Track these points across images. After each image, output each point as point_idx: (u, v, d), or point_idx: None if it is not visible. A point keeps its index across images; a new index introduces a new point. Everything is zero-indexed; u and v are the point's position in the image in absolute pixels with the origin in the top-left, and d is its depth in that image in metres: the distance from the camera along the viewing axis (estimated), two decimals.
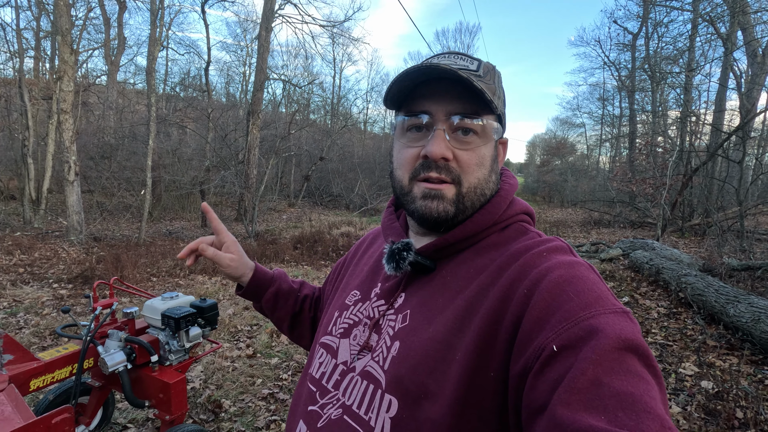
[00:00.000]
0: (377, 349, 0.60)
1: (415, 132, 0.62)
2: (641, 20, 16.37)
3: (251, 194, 10.70)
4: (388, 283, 0.67)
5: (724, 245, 7.52)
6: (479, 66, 0.61)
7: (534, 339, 0.45)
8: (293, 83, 16.88)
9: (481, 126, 0.60)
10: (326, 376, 0.65)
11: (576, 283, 0.48)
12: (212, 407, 2.54)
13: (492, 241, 0.62)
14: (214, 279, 5.69)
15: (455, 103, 0.59)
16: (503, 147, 0.69)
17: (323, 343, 0.71)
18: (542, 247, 0.56)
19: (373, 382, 0.58)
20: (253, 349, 3.43)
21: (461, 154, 0.60)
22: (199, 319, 1.98)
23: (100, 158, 12.69)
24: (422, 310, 0.59)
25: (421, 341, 0.55)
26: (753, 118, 11.30)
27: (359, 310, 0.69)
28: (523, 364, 0.45)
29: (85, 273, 5.45)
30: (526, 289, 0.50)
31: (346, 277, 0.82)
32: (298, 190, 16.97)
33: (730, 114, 13.71)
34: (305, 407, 0.66)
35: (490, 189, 0.63)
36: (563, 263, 0.52)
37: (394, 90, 0.61)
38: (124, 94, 17.95)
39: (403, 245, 0.62)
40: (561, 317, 0.45)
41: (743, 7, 10.80)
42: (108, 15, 16.67)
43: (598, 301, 0.46)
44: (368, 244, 0.85)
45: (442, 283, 0.60)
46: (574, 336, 0.43)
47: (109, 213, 11.04)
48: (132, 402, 1.83)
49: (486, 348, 0.50)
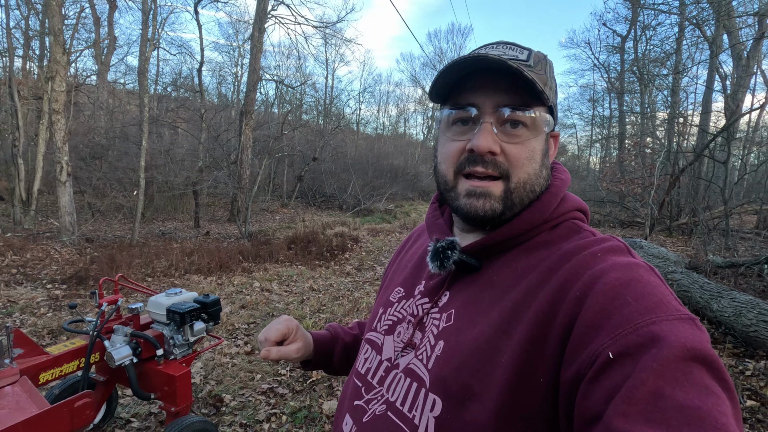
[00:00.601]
0: (421, 348, 0.59)
1: (461, 125, 0.60)
2: (630, 23, 16.65)
3: (244, 195, 10.71)
4: (432, 281, 0.66)
5: (709, 243, 7.72)
6: (529, 55, 0.59)
7: (587, 344, 0.43)
8: (286, 84, 16.89)
9: (531, 118, 0.57)
10: (371, 372, 0.66)
11: (635, 286, 0.45)
12: (213, 401, 2.60)
13: (542, 239, 0.59)
14: (209, 279, 5.72)
15: (504, 94, 0.57)
16: (555, 140, 0.66)
17: (368, 339, 0.71)
18: (597, 247, 0.53)
19: (416, 380, 0.57)
20: (251, 346, 3.48)
21: (510, 148, 0.57)
22: (202, 314, 2.04)
23: (91, 159, 12.60)
24: (467, 310, 0.57)
25: (465, 342, 0.54)
26: (738, 119, 11.57)
27: (403, 308, 0.68)
28: (575, 370, 0.43)
29: (79, 274, 5.44)
30: (578, 292, 0.47)
31: (391, 273, 0.82)
32: (290, 190, 16.97)
33: (716, 115, 14.03)
34: (351, 402, 0.66)
35: (540, 185, 0.60)
36: (620, 265, 0.48)
37: (440, 82, 0.59)
38: (115, 94, 17.80)
39: (448, 243, 0.61)
40: (618, 322, 0.42)
41: (728, 11, 11.05)
42: (98, 14, 16.54)
43: (660, 306, 0.43)
44: (413, 240, 0.84)
45: (488, 283, 0.58)
46: (632, 343, 0.40)
47: (101, 214, 10.97)
48: (138, 394, 1.88)
49: (534, 352, 0.48)
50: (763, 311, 3.35)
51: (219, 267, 6.24)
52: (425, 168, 27.49)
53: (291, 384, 2.90)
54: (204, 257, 6.39)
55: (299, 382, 2.93)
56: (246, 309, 4.45)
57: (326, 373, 0.93)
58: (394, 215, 14.81)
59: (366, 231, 10.29)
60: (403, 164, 23.71)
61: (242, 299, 4.77)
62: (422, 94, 33.42)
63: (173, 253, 6.62)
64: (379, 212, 15.15)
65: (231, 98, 21.37)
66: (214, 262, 6.30)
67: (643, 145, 14.40)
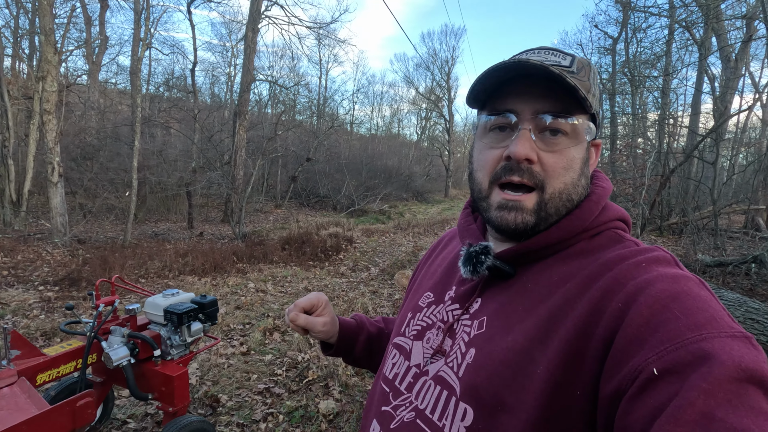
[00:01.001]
0: (451, 355, 0.58)
1: (498, 132, 0.58)
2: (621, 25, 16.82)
3: (238, 195, 10.68)
4: (463, 287, 0.64)
5: (699, 243, 7.84)
6: (572, 62, 0.57)
7: (630, 359, 0.41)
8: (280, 84, 16.85)
9: (572, 126, 0.56)
10: (399, 378, 0.64)
11: (683, 299, 0.42)
12: (210, 402, 2.60)
13: (580, 248, 0.57)
14: (204, 280, 5.71)
15: (544, 101, 0.55)
16: (596, 149, 0.64)
17: (396, 343, 0.70)
18: (641, 257, 0.50)
19: (446, 388, 0.56)
20: (247, 346, 3.49)
21: (547, 157, 0.56)
22: (200, 314, 2.05)
23: (83, 159, 12.48)
24: (500, 318, 0.55)
25: (498, 350, 0.52)
26: (726, 120, 11.75)
27: (432, 313, 0.66)
28: (616, 385, 0.41)
29: (72, 275, 5.41)
30: (621, 303, 0.45)
31: (420, 277, 0.80)
32: (284, 191, 16.93)
33: (705, 117, 14.24)
34: (378, 407, 0.65)
35: (578, 194, 0.58)
36: (667, 276, 0.46)
37: (478, 88, 0.58)
38: (106, 94, 17.65)
39: (482, 248, 0.59)
40: (664, 337, 0.40)
41: (717, 14, 11.23)
42: (89, 14, 16.39)
43: (711, 322, 0.40)
44: (443, 245, 0.82)
45: (523, 290, 0.56)
46: (680, 360, 0.38)
47: (92, 215, 10.87)
48: (136, 395, 1.89)
49: (572, 363, 0.46)
50: (750, 309, 3.42)
51: (213, 268, 6.23)
52: (419, 168, 27.56)
53: (287, 384, 2.91)
54: (198, 258, 6.37)
55: (295, 382, 2.94)
56: (241, 310, 4.45)
57: (346, 362, 0.91)
58: (389, 215, 14.84)
59: (360, 231, 10.31)
60: (397, 165, 23.74)
61: (237, 300, 4.77)
62: (416, 94, 33.51)
63: (167, 254, 6.60)
64: (373, 213, 15.17)
65: (224, 98, 21.29)
66: (209, 263, 6.28)
67: (634, 145, 14.56)
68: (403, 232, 10.78)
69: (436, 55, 31.29)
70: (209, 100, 20.71)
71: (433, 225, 12.27)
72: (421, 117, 35.70)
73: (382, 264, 7.16)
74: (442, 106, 31.56)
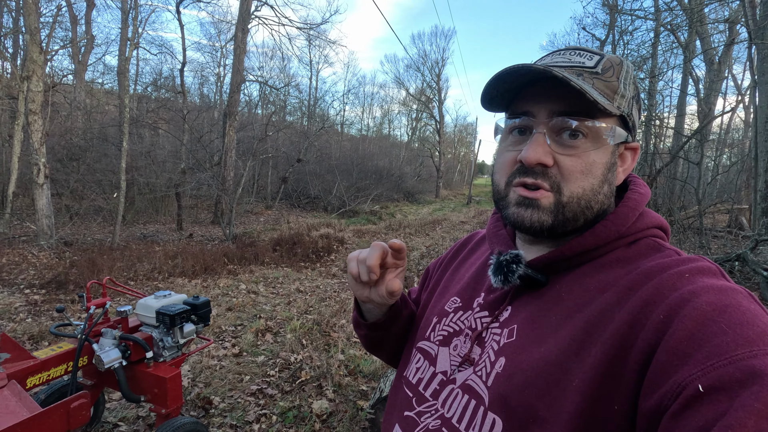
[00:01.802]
0: (480, 363, 0.57)
1: (517, 134, 0.58)
2: (608, 28, 17.08)
3: (228, 197, 10.60)
4: (492, 294, 0.62)
5: (685, 242, 7.99)
6: (599, 61, 0.55)
7: (672, 374, 0.39)
8: (270, 85, 16.77)
9: (591, 128, 0.54)
10: (423, 383, 0.63)
11: (731, 313, 0.40)
12: (202, 404, 2.59)
13: (617, 256, 0.54)
14: (194, 282, 5.66)
15: (560, 101, 0.54)
16: (632, 153, 0.61)
17: (420, 348, 0.68)
18: (684, 266, 0.48)
19: (475, 397, 0.54)
20: (239, 348, 3.47)
21: (564, 160, 0.54)
22: (192, 315, 2.04)
23: (69, 160, 12.28)
24: (532, 327, 0.54)
25: (531, 360, 0.50)
26: (710, 122, 12.00)
27: (460, 319, 0.65)
28: (657, 401, 0.39)
29: (59, 278, 5.32)
30: (663, 314, 0.43)
31: (444, 280, 0.77)
32: (275, 192, 16.85)
33: (690, 118, 14.52)
34: (401, 412, 0.64)
35: (599, 202, 0.56)
36: (713, 288, 0.43)
37: (492, 92, 0.58)
38: (93, 94, 17.39)
39: (513, 257, 0.58)
40: (710, 352, 0.38)
41: (701, 18, 11.46)
42: (75, 13, 16.14)
43: (762, 337, 0.37)
44: (471, 249, 0.80)
45: (556, 299, 0.54)
46: (728, 377, 0.36)
47: (79, 217, 10.70)
48: (128, 397, 1.88)
49: (610, 377, 0.44)
50: None
51: (204, 269, 6.18)
52: (410, 169, 27.62)
53: (280, 385, 2.91)
54: (188, 260, 6.32)
55: (288, 383, 2.94)
56: (233, 311, 4.43)
57: (364, 337, 0.78)
58: (380, 216, 14.86)
59: (351, 232, 10.31)
60: (387, 165, 23.77)
61: (228, 301, 4.74)
62: (406, 95, 33.59)
63: (156, 256, 6.53)
64: (364, 213, 15.18)
65: (214, 99, 21.12)
66: (199, 264, 6.23)
67: None
68: (394, 233, 10.80)
69: (426, 56, 31.40)
70: (198, 101, 20.54)
71: (424, 226, 12.31)
72: (412, 118, 35.80)
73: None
74: (432, 107, 31.68)
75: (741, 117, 18.84)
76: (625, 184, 0.63)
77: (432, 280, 0.83)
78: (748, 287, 4.98)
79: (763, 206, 6.64)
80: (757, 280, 4.86)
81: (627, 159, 0.60)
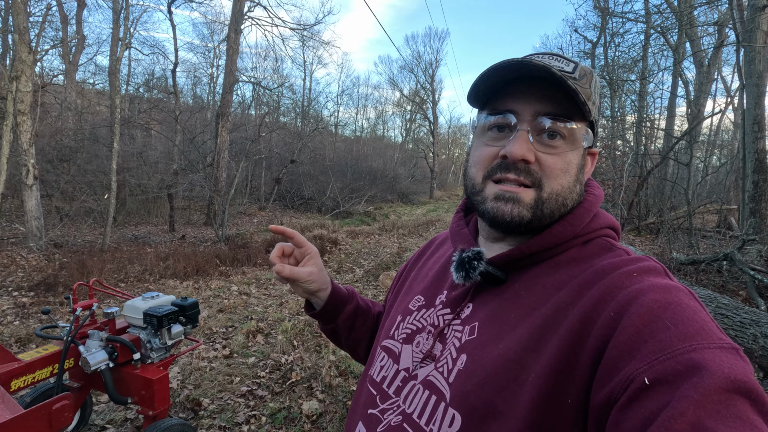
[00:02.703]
0: (441, 360, 0.58)
1: (497, 131, 0.59)
2: (600, 30, 17.23)
3: (221, 198, 10.55)
4: (454, 291, 0.64)
5: (674, 242, 8.07)
6: (575, 68, 0.58)
7: (621, 368, 0.41)
8: (263, 86, 16.73)
9: (570, 130, 0.56)
10: (387, 381, 0.64)
11: (674, 310, 0.43)
12: (191, 405, 2.58)
13: (572, 255, 0.57)
14: (185, 283, 5.63)
15: (545, 103, 0.56)
16: (592, 158, 0.65)
17: (385, 346, 0.69)
18: (633, 266, 0.51)
19: (435, 393, 0.56)
20: (230, 349, 3.46)
21: (545, 158, 0.56)
22: (180, 317, 2.03)
23: (59, 161, 12.15)
24: (492, 324, 0.55)
25: (491, 357, 0.52)
26: (699, 123, 12.15)
27: (423, 317, 0.66)
28: (607, 394, 0.41)
29: (48, 280, 5.27)
30: (613, 312, 0.46)
31: (409, 279, 0.79)
32: (268, 193, 16.79)
33: (680, 119, 14.70)
34: (365, 409, 0.65)
35: (573, 199, 0.59)
36: (658, 286, 0.46)
37: (480, 86, 0.58)
38: (84, 94, 17.22)
39: (474, 254, 0.59)
40: (655, 347, 0.40)
41: (690, 20, 11.60)
42: (66, 12, 15.99)
43: (702, 333, 0.41)
44: (434, 248, 0.82)
45: (515, 297, 0.56)
46: (671, 370, 0.38)
47: (69, 218, 10.60)
48: (115, 399, 1.87)
49: (564, 372, 0.46)
50: (720, 305, 3.55)
51: (195, 271, 6.15)
52: (404, 170, 27.65)
53: (270, 386, 2.90)
54: (180, 261, 6.28)
55: (278, 384, 2.93)
56: (224, 313, 4.41)
57: (323, 330, 0.86)
58: (374, 217, 14.86)
59: (345, 233, 10.30)
60: (381, 166, 23.78)
61: (220, 303, 4.72)
62: (400, 96, 33.66)
63: (147, 258, 6.48)
64: (358, 214, 15.17)
65: (206, 100, 21.02)
66: (191, 266, 6.20)
67: (613, 147, 14.91)
68: (388, 234, 10.81)
69: (420, 57, 31.50)
70: (191, 101, 20.43)
71: (418, 227, 12.34)
72: (406, 119, 35.89)
73: (367, 266, 7.18)
74: (426, 108, 31.76)
75: (730, 118, 19.09)
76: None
77: (399, 282, 0.85)
78: (735, 286, 5.05)
79: (751, 206, 6.73)
80: (744, 279, 4.93)
81: (588, 162, 0.64)
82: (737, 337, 3.19)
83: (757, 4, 6.70)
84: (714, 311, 3.51)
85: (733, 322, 3.31)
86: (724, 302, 3.58)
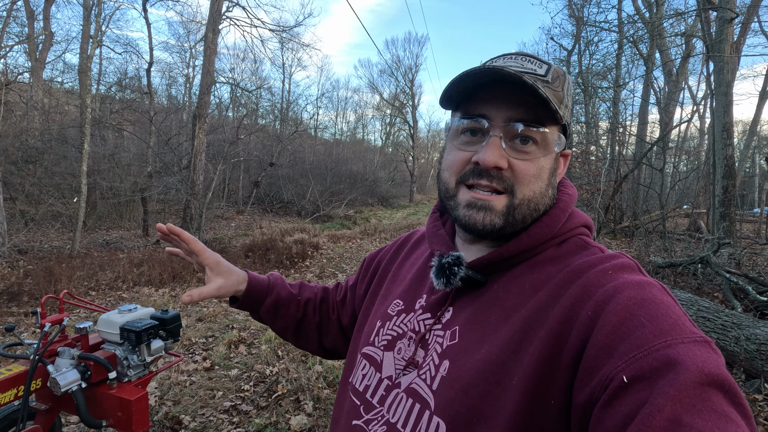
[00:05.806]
0: (424, 367, 0.57)
1: (469, 135, 0.59)
2: (575, 38, 17.69)
3: (198, 201, 10.25)
4: (434, 295, 0.63)
5: (650, 245, 8.29)
6: (548, 70, 0.57)
7: (601, 367, 0.42)
8: (241, 87, 16.40)
9: (542, 135, 0.56)
10: (370, 390, 0.63)
11: (648, 306, 0.44)
12: (171, 424, 2.43)
13: (549, 255, 0.58)
14: (161, 291, 5.40)
15: (517, 108, 0.55)
16: (565, 159, 0.65)
17: (366, 354, 0.68)
18: (607, 264, 0.52)
19: (419, 401, 0.55)
20: (211, 361, 3.31)
21: (518, 164, 0.56)
22: (161, 331, 1.90)
23: (24, 163, 11.56)
24: (473, 328, 0.55)
25: (473, 362, 0.52)
26: (670, 130, 12.58)
27: (403, 322, 0.65)
28: (588, 393, 0.42)
29: (11, 289, 4.96)
30: (590, 311, 0.46)
31: (386, 282, 0.78)
32: (247, 196, 16.45)
33: (652, 126, 15.20)
34: (348, 421, 0.63)
35: (545, 204, 0.59)
36: (633, 283, 0.47)
37: (452, 90, 0.58)
38: (51, 93, 16.50)
39: (454, 259, 0.59)
40: (632, 344, 0.41)
41: (660, 31, 12.04)
42: (32, 7, 15.30)
43: (675, 328, 0.42)
44: (410, 248, 0.80)
45: (494, 300, 0.56)
46: (647, 366, 0.39)
47: (35, 223, 10.08)
48: (87, 422, 1.72)
49: (546, 374, 0.46)
50: (701, 308, 3.63)
51: (172, 278, 5.92)
52: (384, 174, 27.66)
53: (255, 400, 2.78)
54: (155, 268, 6.03)
55: (264, 398, 2.81)
56: (203, 322, 4.24)
57: (253, 318, 0.90)
58: (354, 221, 14.76)
59: (326, 237, 10.16)
60: (362, 170, 23.71)
61: (199, 311, 4.54)
62: (380, 100, 33.71)
63: (120, 264, 6.20)
64: (338, 218, 15.04)
65: (182, 101, 20.48)
66: (167, 272, 5.96)
67: (588, 152, 15.29)
68: (369, 238, 10.73)
69: (399, 61, 31.68)
70: (166, 102, 19.85)
71: (399, 230, 12.30)
72: (386, 123, 35.96)
73: (350, 270, 7.08)
74: (406, 112, 31.90)
75: (696, 126, 19.90)
76: None
77: (369, 275, 0.84)
78: (710, 288, 5.19)
79: (721, 210, 6.97)
80: (719, 282, 5.07)
81: (560, 164, 0.64)
82: (719, 340, 3.25)
83: (726, 17, 6.97)
84: (695, 314, 3.57)
85: (715, 324, 3.37)
86: (705, 305, 3.66)
